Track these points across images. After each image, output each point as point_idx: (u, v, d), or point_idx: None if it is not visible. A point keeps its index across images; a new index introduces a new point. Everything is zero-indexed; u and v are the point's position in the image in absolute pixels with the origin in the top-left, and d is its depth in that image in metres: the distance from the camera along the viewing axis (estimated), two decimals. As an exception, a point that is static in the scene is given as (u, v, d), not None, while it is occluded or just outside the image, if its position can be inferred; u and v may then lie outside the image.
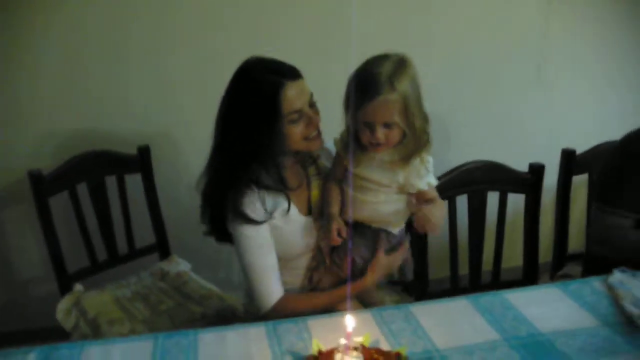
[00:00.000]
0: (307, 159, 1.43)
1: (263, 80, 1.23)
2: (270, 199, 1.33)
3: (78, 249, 1.79)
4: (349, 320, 0.99)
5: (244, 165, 1.29)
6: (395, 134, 1.23)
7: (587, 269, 1.63)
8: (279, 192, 1.33)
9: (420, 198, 1.31)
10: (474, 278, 1.75)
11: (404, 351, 1.02)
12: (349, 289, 1.34)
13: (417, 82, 1.23)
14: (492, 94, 2.39)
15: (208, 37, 2.03)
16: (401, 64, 1.21)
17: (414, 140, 1.24)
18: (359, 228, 1.35)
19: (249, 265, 1.32)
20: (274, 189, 1.32)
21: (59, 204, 1.74)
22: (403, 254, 1.40)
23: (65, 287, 1.74)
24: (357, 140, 1.28)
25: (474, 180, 1.67)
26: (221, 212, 1.33)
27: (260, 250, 1.31)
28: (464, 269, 1.76)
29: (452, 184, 1.64)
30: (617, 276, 1.33)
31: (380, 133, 1.21)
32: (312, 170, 1.42)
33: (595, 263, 1.55)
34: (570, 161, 1.79)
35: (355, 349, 0.99)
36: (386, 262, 1.36)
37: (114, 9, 1.93)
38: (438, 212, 1.30)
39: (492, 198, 1.72)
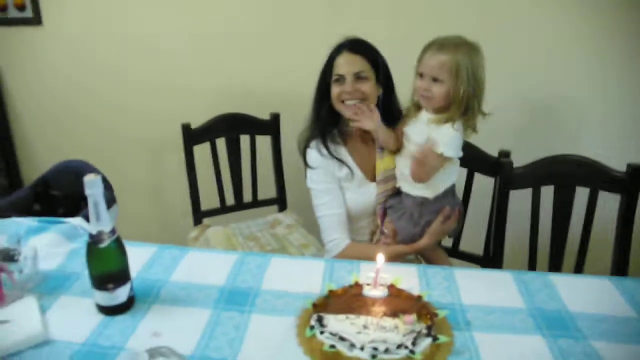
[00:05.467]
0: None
1: (333, 48, 1.55)
2: (336, 164, 1.58)
3: (212, 192, 2.19)
4: (380, 258, 1.18)
5: (319, 119, 1.59)
6: (440, 91, 1.39)
7: None
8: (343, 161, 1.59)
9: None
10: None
11: (424, 295, 1.17)
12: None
13: (477, 63, 1.38)
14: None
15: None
16: (470, 46, 1.39)
17: (456, 109, 1.38)
18: (402, 198, 1.52)
19: (321, 216, 1.57)
20: (333, 143, 1.61)
21: (203, 154, 2.14)
22: (456, 222, 1.53)
23: (197, 221, 2.16)
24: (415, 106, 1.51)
25: (562, 173, 1.70)
26: None
27: (330, 203, 1.56)
28: (542, 267, 1.78)
29: (537, 173, 1.69)
30: (682, 281, 1.31)
31: (427, 82, 1.40)
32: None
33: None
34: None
35: (383, 285, 1.18)
36: (440, 229, 1.50)
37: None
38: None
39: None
